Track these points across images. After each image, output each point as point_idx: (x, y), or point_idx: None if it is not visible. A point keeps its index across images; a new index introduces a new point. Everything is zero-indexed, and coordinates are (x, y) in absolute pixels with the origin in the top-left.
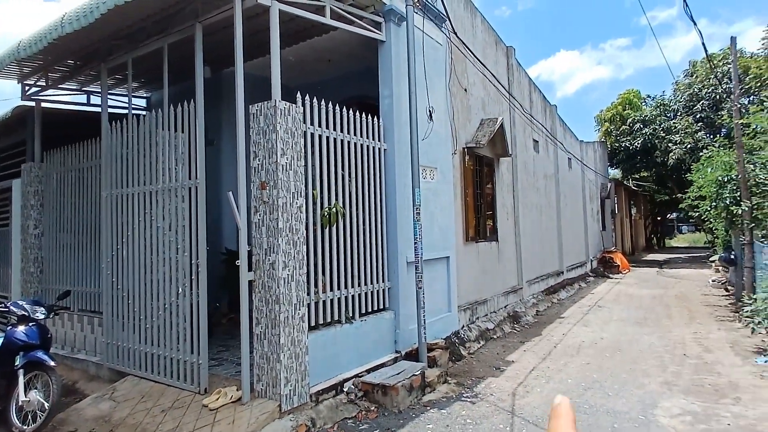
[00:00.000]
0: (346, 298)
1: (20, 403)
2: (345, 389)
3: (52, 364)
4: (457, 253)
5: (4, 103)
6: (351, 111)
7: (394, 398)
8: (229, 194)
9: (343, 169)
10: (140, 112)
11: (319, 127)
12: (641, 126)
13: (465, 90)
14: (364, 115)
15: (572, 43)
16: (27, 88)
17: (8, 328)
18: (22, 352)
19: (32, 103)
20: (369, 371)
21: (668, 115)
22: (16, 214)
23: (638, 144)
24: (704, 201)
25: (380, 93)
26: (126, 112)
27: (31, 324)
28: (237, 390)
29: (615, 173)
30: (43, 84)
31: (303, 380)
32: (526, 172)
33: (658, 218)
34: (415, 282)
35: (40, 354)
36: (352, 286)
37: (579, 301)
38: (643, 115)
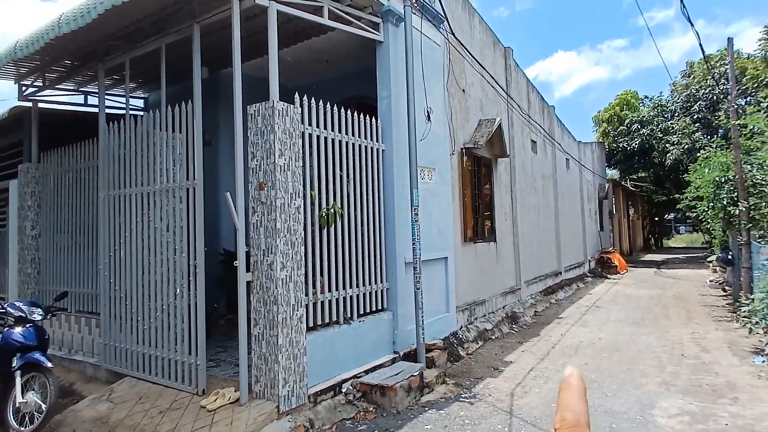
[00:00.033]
0: (344, 298)
1: (17, 404)
2: (343, 390)
3: (50, 365)
4: (455, 254)
5: (1, 103)
6: (349, 111)
7: (393, 399)
8: (226, 195)
9: (341, 170)
10: (138, 113)
11: (317, 127)
12: (639, 127)
13: (463, 91)
14: (362, 115)
15: (570, 43)
16: (24, 88)
17: (5, 329)
18: (19, 354)
19: (29, 104)
20: (367, 372)
21: (666, 115)
22: (13, 215)
23: (636, 144)
24: (702, 201)
25: (378, 93)
26: (123, 112)
27: (28, 325)
28: (235, 391)
29: (613, 174)
30: (40, 84)
31: (301, 381)
32: (524, 172)
33: (656, 219)
34: (413, 283)
35: (38, 355)
36: (351, 287)
37: (577, 302)
38: (641, 116)
